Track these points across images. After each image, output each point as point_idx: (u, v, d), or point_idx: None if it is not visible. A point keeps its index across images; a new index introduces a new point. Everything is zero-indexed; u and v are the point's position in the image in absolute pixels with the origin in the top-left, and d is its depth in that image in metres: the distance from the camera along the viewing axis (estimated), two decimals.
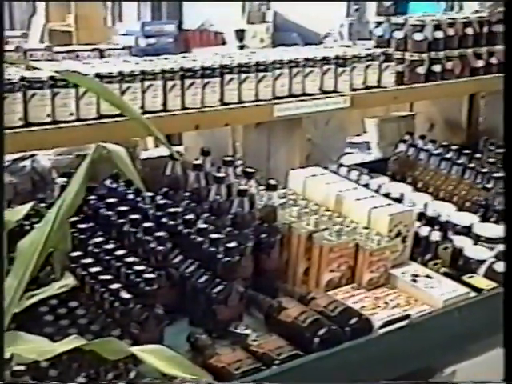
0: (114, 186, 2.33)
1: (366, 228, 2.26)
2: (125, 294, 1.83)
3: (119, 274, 1.91)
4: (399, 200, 2.42)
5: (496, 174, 2.74)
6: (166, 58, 2.61)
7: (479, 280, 2.30)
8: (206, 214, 2.20)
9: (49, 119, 2.21)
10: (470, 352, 2.29)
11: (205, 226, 2.12)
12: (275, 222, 2.22)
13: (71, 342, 1.40)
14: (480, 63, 3.13)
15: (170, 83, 2.42)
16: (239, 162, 2.54)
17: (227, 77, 2.54)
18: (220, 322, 2.00)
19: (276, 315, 2.03)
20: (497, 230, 2.51)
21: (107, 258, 1.96)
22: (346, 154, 3.41)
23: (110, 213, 2.18)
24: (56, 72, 1.97)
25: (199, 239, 2.08)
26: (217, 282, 2.00)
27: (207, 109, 2.50)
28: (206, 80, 2.49)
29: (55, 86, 2.20)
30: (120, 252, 1.97)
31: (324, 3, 7.33)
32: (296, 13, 7.92)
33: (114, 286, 1.85)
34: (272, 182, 2.27)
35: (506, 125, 1.68)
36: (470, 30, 3.07)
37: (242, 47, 7.11)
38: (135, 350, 1.41)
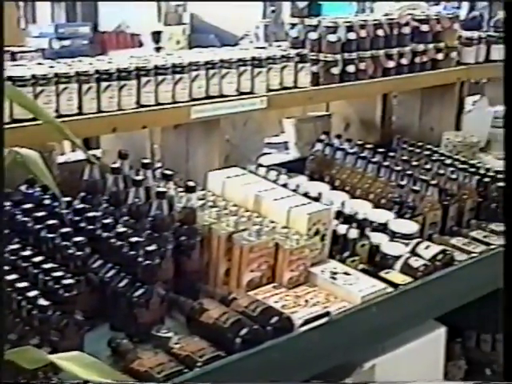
0: (30, 191, 2.29)
1: (285, 227, 2.29)
2: (43, 301, 1.80)
3: (37, 281, 1.87)
4: (317, 199, 2.46)
5: (409, 172, 2.82)
6: (80, 61, 2.57)
7: (395, 275, 2.36)
8: (124, 218, 2.19)
9: None
10: (388, 346, 2.35)
11: (124, 229, 2.10)
12: (195, 223, 2.22)
13: None
14: (391, 64, 3.21)
15: (85, 86, 2.39)
16: (158, 165, 2.53)
17: (144, 79, 2.53)
18: (141, 326, 1.99)
19: (198, 317, 2.04)
20: (411, 226, 2.58)
21: (24, 265, 1.92)
22: (265, 154, 3.44)
23: (26, 219, 2.13)
24: None
25: (119, 243, 2.06)
26: (137, 286, 1.99)
27: (124, 111, 2.48)
28: (122, 82, 2.47)
29: None
30: (37, 258, 1.93)
31: (241, 5, 7.37)
32: (213, 15, 7.93)
33: (32, 293, 1.81)
34: (190, 183, 2.27)
35: (506, 124, 1.71)
36: (380, 32, 3.14)
37: (158, 49, 7.07)
38: (54, 357, 1.39)
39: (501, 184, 2.95)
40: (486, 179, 2.96)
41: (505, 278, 1.77)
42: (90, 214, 2.16)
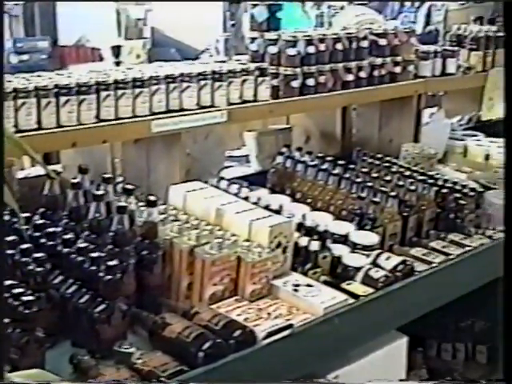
0: None
1: (247, 240, 2.30)
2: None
3: None
4: (278, 212, 2.47)
5: (369, 184, 2.85)
6: (39, 75, 2.56)
7: (357, 286, 2.38)
8: (85, 233, 2.17)
9: None
10: (350, 357, 2.37)
11: (85, 244, 2.09)
12: (156, 238, 2.21)
13: None
14: (350, 77, 3.24)
15: (44, 101, 2.38)
16: (119, 179, 2.51)
17: (103, 93, 2.52)
18: (103, 342, 1.97)
19: (160, 332, 2.03)
20: (372, 238, 2.61)
21: None
22: (226, 167, 3.45)
23: None
24: None
25: (79, 258, 2.05)
26: (99, 302, 1.98)
27: (83, 126, 2.47)
28: (81, 97, 2.46)
29: None
30: None
31: (203, 19, 7.39)
32: (175, 28, 7.94)
33: None
34: (151, 197, 2.26)
35: (506, 123, 1.73)
36: (339, 46, 3.18)
37: (118, 63, 7.05)
38: (14, 375, 1.38)
39: (458, 195, 3.00)
40: (444, 190, 3.00)
41: (505, 279, 1.80)
42: (50, 230, 2.14)
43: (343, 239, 2.58)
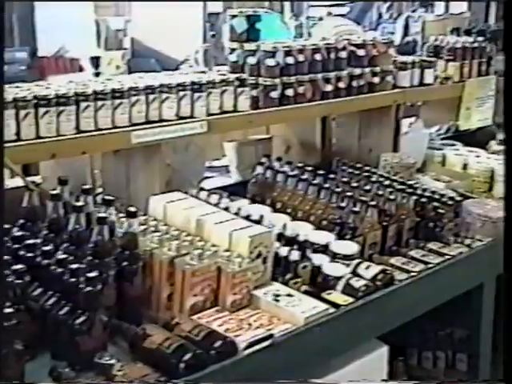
0: None
1: (228, 251, 2.30)
2: None
3: None
4: (259, 222, 2.48)
5: (349, 193, 2.86)
6: (18, 87, 2.55)
7: (337, 296, 2.39)
8: (65, 245, 2.16)
9: None
10: (332, 366, 2.37)
11: (64, 256, 2.08)
12: (136, 249, 2.21)
13: None
14: (329, 87, 3.26)
15: (22, 112, 2.37)
16: (99, 190, 2.51)
17: (83, 104, 2.52)
18: (84, 354, 1.96)
19: (141, 343, 2.02)
20: (352, 247, 2.62)
21: None
22: (206, 178, 3.45)
23: None
24: None
25: (59, 270, 2.04)
26: (79, 313, 1.97)
27: (63, 137, 2.46)
28: (60, 108, 2.46)
29: None
30: None
31: (183, 29, 7.40)
32: (154, 39, 7.95)
33: None
34: (132, 208, 2.26)
35: (506, 124, 1.74)
36: (318, 56, 3.19)
37: (97, 74, 7.04)
38: None
39: (437, 204, 3.02)
40: (423, 199, 3.02)
41: (505, 278, 1.81)
42: (30, 242, 2.13)
43: (323, 249, 2.58)
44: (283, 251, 2.44)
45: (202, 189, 2.73)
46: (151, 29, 7.89)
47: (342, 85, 3.32)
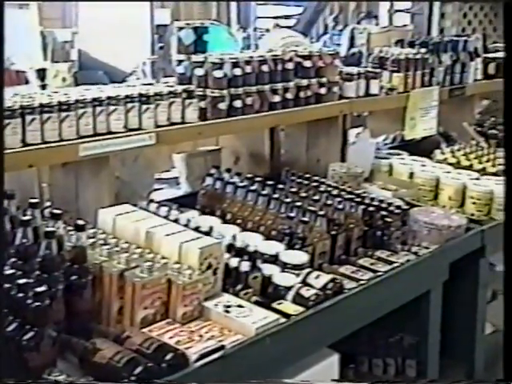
0: None
1: (178, 263, 2.29)
2: None
3: None
4: (208, 233, 2.48)
5: (298, 203, 2.88)
6: None
7: (288, 306, 2.40)
8: (12, 259, 2.13)
9: None
10: (283, 376, 2.38)
11: (12, 271, 2.05)
12: (85, 262, 2.19)
13: None
14: (277, 98, 3.29)
15: None
16: (47, 204, 2.48)
17: (29, 117, 2.49)
18: (32, 370, 1.93)
19: (91, 357, 2.00)
20: (301, 257, 2.63)
21: None
22: (156, 189, 3.44)
23: None
24: None
25: (6, 286, 2.00)
26: (27, 329, 1.93)
27: (9, 151, 2.43)
28: (6, 121, 2.42)
29: None
30: None
31: (131, 41, 7.38)
32: (102, 51, 7.90)
33: None
34: (80, 222, 2.24)
35: (506, 125, 1.75)
36: (265, 68, 3.22)
37: (43, 87, 6.96)
38: None
39: (384, 213, 3.06)
40: (371, 208, 3.06)
41: (505, 281, 1.83)
42: None
43: (273, 259, 2.59)
44: (233, 262, 2.44)
45: (151, 201, 2.72)
46: (99, 41, 7.84)
47: (289, 96, 3.35)
